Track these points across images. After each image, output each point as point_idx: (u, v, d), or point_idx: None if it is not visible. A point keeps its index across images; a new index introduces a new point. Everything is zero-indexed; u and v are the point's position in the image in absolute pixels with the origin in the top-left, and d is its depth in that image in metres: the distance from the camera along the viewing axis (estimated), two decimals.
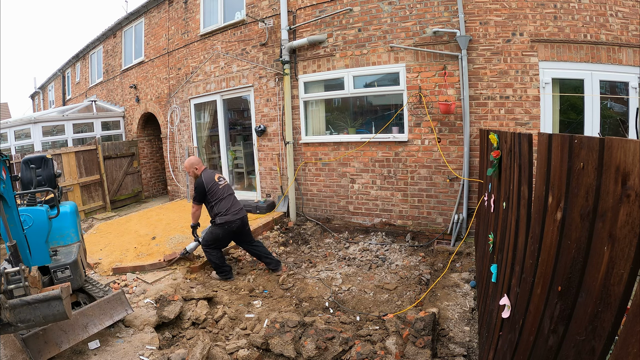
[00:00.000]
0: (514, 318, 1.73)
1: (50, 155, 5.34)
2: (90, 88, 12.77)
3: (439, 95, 5.23)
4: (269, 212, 6.77)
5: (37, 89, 19.64)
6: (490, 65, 4.93)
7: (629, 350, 0.82)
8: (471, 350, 2.91)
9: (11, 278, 2.14)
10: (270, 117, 6.86)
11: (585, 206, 1.07)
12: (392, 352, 2.94)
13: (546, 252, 1.35)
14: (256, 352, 3.09)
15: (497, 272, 2.32)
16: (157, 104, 9.47)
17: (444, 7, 5.10)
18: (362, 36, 5.74)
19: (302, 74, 6.37)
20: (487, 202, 3.32)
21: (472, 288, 3.87)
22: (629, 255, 0.85)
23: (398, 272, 4.68)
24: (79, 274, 3.22)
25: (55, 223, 3.21)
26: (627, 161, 0.87)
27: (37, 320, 2.21)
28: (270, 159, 6.96)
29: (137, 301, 3.95)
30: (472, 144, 5.09)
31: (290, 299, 4.14)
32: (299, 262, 5.21)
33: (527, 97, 4.81)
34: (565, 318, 1.16)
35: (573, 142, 1.17)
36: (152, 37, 9.37)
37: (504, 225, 2.28)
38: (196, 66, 8.08)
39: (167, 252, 5.12)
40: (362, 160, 5.95)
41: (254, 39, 6.93)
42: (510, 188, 2.16)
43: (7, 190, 2.20)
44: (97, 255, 5.22)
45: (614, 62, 4.69)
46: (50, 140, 9.57)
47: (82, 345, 3.11)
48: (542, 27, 4.72)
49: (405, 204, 5.68)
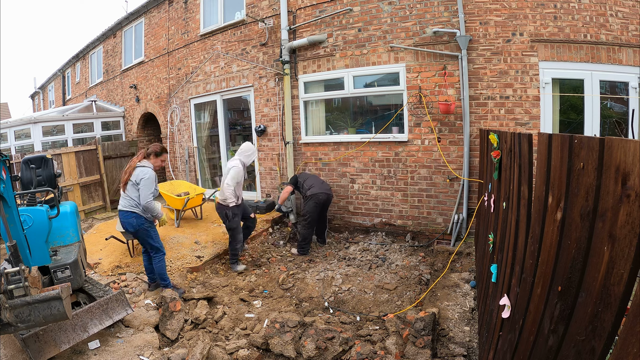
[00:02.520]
0: (514, 318, 1.73)
1: (50, 155, 5.34)
2: (90, 88, 12.77)
3: (439, 95, 5.23)
4: (269, 212, 6.77)
5: (37, 89, 19.64)
6: (490, 65, 4.93)
7: (629, 350, 0.82)
8: (471, 350, 2.91)
9: (11, 278, 2.14)
10: (270, 117, 6.86)
11: (585, 206, 1.07)
12: (392, 352, 2.94)
13: (546, 252, 1.35)
14: (256, 352, 3.09)
15: (497, 272, 2.32)
16: (157, 104, 9.47)
17: (444, 7, 5.10)
18: (362, 36, 5.74)
19: (302, 74, 6.37)
20: (487, 202, 3.32)
21: (472, 288, 3.87)
22: (629, 255, 0.85)
23: (398, 272, 4.68)
24: (79, 274, 3.22)
25: (55, 223, 3.21)
26: (627, 161, 0.87)
27: (37, 320, 2.21)
28: (270, 159, 6.96)
29: (137, 301, 3.95)
30: (472, 144, 5.09)
31: (290, 299, 4.14)
32: (298, 262, 5.22)
33: (527, 97, 4.81)
34: (565, 318, 1.16)
35: (573, 142, 1.17)
36: (152, 37, 9.37)
37: (504, 225, 2.28)
38: (196, 66, 8.08)
39: (167, 253, 5.11)
40: (362, 160, 5.95)
41: (254, 39, 6.93)
42: (510, 188, 2.16)
43: (7, 190, 2.20)
44: (97, 255, 5.22)
45: (614, 62, 4.69)
46: (50, 140, 9.57)
47: (82, 345, 3.11)
48: (542, 27, 4.72)
49: (405, 204, 5.68)
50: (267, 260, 5.34)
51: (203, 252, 5.21)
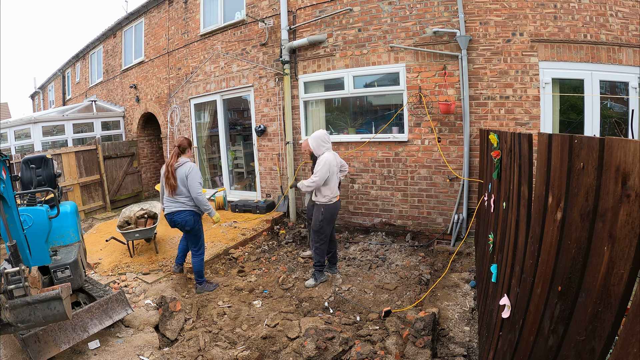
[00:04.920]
0: (514, 318, 1.73)
1: (50, 155, 5.34)
2: (90, 88, 12.77)
3: (439, 95, 5.23)
4: (269, 212, 6.77)
5: (37, 89, 19.64)
6: (490, 65, 4.93)
7: (629, 350, 0.82)
8: (471, 350, 2.91)
9: (11, 278, 2.13)
10: (270, 117, 6.86)
11: (585, 206, 1.07)
12: (392, 352, 2.94)
13: (546, 252, 1.35)
14: (256, 352, 3.09)
15: (497, 272, 2.32)
16: (157, 104, 9.47)
17: (444, 7, 5.10)
18: (362, 36, 5.74)
19: (302, 74, 6.37)
20: (487, 202, 3.32)
21: (472, 288, 3.87)
22: (629, 255, 0.85)
23: (398, 272, 4.68)
24: (79, 274, 3.22)
25: (55, 223, 3.21)
26: (627, 161, 0.87)
27: (37, 320, 2.21)
28: (270, 159, 6.96)
29: (137, 301, 3.95)
30: (472, 144, 5.09)
31: (290, 299, 4.14)
32: (299, 262, 5.21)
33: (527, 97, 4.81)
34: (565, 318, 1.16)
35: (573, 142, 1.17)
36: (152, 37, 9.37)
37: (504, 225, 2.28)
38: (196, 66, 8.08)
39: (167, 253, 5.11)
40: (362, 160, 5.95)
41: (254, 39, 6.93)
42: (510, 188, 2.16)
43: (7, 190, 2.20)
44: (97, 255, 5.22)
45: (614, 62, 4.69)
46: (50, 140, 9.57)
47: (82, 345, 3.11)
48: (542, 27, 4.72)
49: (405, 204, 5.68)
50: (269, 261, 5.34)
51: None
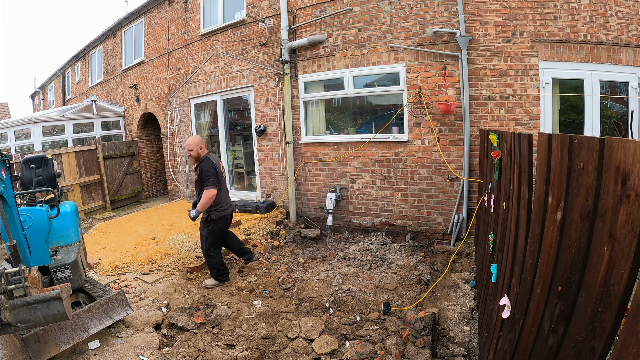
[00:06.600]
0: (514, 318, 1.73)
1: (50, 155, 5.34)
2: (90, 88, 12.76)
3: (439, 95, 5.23)
4: (269, 212, 6.77)
5: (37, 89, 19.64)
6: (490, 65, 4.93)
7: (629, 350, 0.82)
8: (471, 350, 2.91)
9: (11, 278, 2.13)
10: (270, 117, 6.86)
11: (585, 206, 1.07)
12: (392, 352, 2.94)
13: (546, 252, 1.35)
14: (256, 352, 3.09)
15: (497, 272, 2.32)
16: (157, 104, 9.47)
17: (444, 7, 5.10)
18: (362, 36, 5.74)
19: (302, 74, 6.37)
20: (487, 202, 3.32)
21: (472, 288, 3.87)
22: (629, 255, 0.85)
23: (398, 272, 4.68)
24: (79, 274, 3.22)
25: (55, 223, 3.20)
26: (627, 161, 0.87)
27: (37, 320, 2.21)
28: (270, 159, 6.96)
29: (137, 301, 3.95)
30: (472, 144, 5.09)
31: (290, 299, 4.15)
32: (299, 262, 5.21)
33: (527, 97, 4.81)
34: (565, 318, 1.16)
35: (573, 142, 1.17)
36: (152, 37, 9.37)
37: (504, 225, 2.28)
38: (196, 66, 8.08)
39: (168, 253, 5.11)
40: (362, 160, 5.95)
41: (254, 39, 6.93)
42: (510, 188, 2.16)
43: (7, 190, 2.20)
44: (97, 255, 5.22)
45: (614, 62, 4.69)
46: (50, 140, 9.57)
47: (82, 345, 3.10)
48: (542, 27, 4.72)
49: (405, 204, 5.68)
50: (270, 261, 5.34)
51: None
